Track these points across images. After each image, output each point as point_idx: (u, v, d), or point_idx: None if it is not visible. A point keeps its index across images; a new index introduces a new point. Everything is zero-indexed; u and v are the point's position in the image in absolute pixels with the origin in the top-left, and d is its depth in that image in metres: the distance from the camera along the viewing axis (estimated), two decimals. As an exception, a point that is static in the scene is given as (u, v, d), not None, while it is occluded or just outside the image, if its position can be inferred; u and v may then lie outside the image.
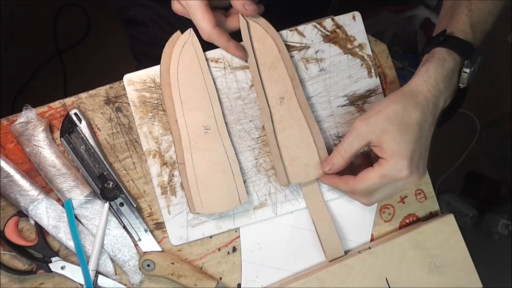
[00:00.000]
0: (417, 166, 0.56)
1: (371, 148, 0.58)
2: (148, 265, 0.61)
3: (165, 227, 0.63)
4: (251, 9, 0.61)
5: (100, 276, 0.61)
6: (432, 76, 0.57)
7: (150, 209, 0.64)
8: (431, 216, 0.68)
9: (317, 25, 0.67)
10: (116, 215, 0.62)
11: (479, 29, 0.60)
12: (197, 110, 0.62)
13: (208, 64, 0.64)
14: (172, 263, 0.61)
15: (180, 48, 0.63)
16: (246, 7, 0.60)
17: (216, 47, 0.65)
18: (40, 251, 0.61)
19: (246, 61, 0.64)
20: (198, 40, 0.63)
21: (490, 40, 0.63)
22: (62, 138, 0.62)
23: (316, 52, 0.67)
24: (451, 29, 0.59)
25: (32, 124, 0.61)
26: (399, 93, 0.57)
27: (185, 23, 0.62)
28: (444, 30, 0.60)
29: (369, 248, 0.63)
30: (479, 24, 0.60)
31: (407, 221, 0.68)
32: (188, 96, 0.62)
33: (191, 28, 0.63)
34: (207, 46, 0.64)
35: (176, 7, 0.61)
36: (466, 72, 0.58)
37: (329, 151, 0.62)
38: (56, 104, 0.64)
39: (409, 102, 0.55)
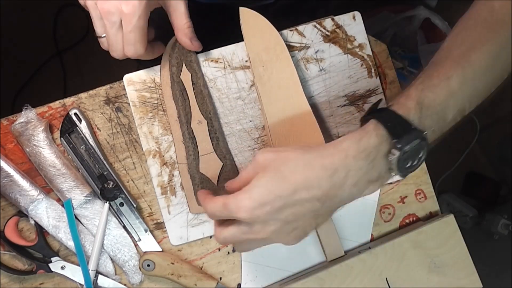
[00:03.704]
0: (263, 221, 0.47)
1: None
2: (148, 265, 0.61)
3: (165, 227, 0.63)
4: (197, 45, 0.60)
5: (100, 276, 0.61)
6: (345, 147, 0.46)
7: (150, 209, 0.64)
8: (431, 216, 0.68)
9: (317, 25, 0.67)
10: (116, 215, 0.62)
11: (432, 111, 0.48)
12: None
13: (199, 64, 0.64)
14: (172, 263, 0.61)
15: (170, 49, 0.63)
16: (193, 43, 0.60)
17: (216, 47, 0.65)
18: (40, 251, 0.61)
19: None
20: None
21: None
22: (62, 138, 0.62)
23: (316, 52, 0.67)
24: (395, 101, 0.49)
25: (32, 124, 0.61)
26: (306, 147, 0.48)
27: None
28: (380, 99, 0.53)
29: (369, 248, 0.63)
30: (433, 105, 0.48)
31: (407, 221, 0.68)
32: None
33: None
34: (207, 46, 0.64)
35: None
36: (393, 155, 0.46)
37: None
38: (56, 104, 0.64)
39: (303, 160, 0.47)
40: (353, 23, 0.67)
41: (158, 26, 0.62)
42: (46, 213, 0.60)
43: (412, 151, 0.46)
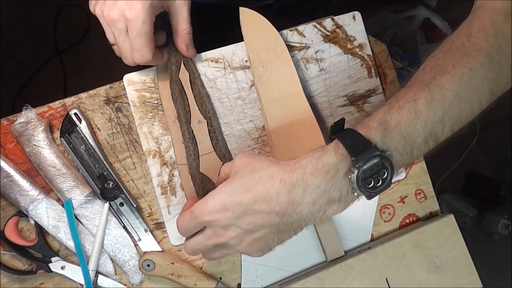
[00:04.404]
0: (224, 226, 0.49)
1: None
2: (148, 265, 0.61)
3: (165, 227, 0.63)
4: (192, 52, 0.61)
5: (100, 276, 0.61)
6: (304, 164, 0.47)
7: (150, 209, 0.64)
8: (431, 216, 0.68)
9: (317, 25, 0.67)
10: (116, 215, 0.62)
11: (397, 132, 0.47)
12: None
13: (195, 64, 0.64)
14: (172, 263, 0.61)
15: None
16: (189, 50, 0.60)
17: (216, 47, 0.65)
18: (40, 251, 0.61)
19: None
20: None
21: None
22: (62, 138, 0.62)
23: (316, 52, 0.67)
24: (361, 121, 0.49)
25: (32, 124, 0.61)
26: (274, 161, 0.49)
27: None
28: (343, 118, 0.53)
29: (369, 248, 0.63)
30: (398, 126, 0.47)
31: (407, 221, 0.68)
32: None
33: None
34: (207, 46, 0.64)
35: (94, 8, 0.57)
36: (352, 173, 0.45)
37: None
38: (56, 104, 0.64)
39: (267, 173, 0.48)
40: (353, 23, 0.67)
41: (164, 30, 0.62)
42: (46, 213, 0.60)
43: (373, 170, 0.46)
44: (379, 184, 0.47)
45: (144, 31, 0.54)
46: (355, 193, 0.47)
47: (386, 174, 0.47)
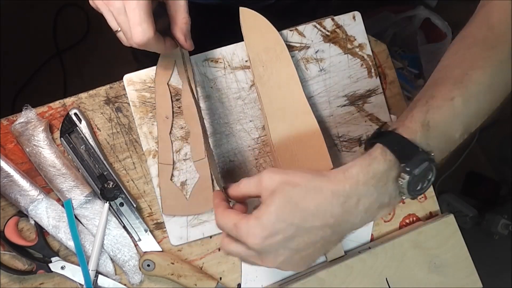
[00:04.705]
0: (274, 249, 0.46)
1: None
2: (148, 265, 0.61)
3: (165, 227, 0.63)
4: (190, 44, 0.58)
5: (100, 276, 0.61)
6: (354, 174, 0.46)
7: (150, 209, 0.64)
8: (431, 216, 0.68)
9: (317, 25, 0.67)
10: (116, 215, 0.62)
11: (439, 132, 0.47)
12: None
13: (192, 70, 0.64)
14: (172, 263, 0.61)
15: None
16: (187, 41, 0.57)
17: (216, 47, 0.65)
18: (40, 251, 0.61)
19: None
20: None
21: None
22: (62, 138, 0.62)
23: (316, 52, 0.67)
24: (399, 125, 0.48)
25: (32, 124, 0.61)
26: (316, 172, 0.47)
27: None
28: (385, 122, 0.51)
29: (369, 248, 0.63)
30: (439, 126, 0.47)
31: (407, 221, 0.68)
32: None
33: None
34: (207, 46, 0.64)
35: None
36: (403, 179, 0.45)
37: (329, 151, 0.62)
38: (56, 104, 0.64)
39: (313, 186, 0.45)
40: (353, 23, 0.67)
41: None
42: (46, 213, 0.60)
43: (422, 174, 0.46)
44: (425, 185, 0.47)
45: (141, 3, 0.51)
46: (402, 196, 0.47)
47: (431, 175, 0.47)
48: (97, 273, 0.61)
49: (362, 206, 0.46)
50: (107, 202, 0.61)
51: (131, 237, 0.63)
